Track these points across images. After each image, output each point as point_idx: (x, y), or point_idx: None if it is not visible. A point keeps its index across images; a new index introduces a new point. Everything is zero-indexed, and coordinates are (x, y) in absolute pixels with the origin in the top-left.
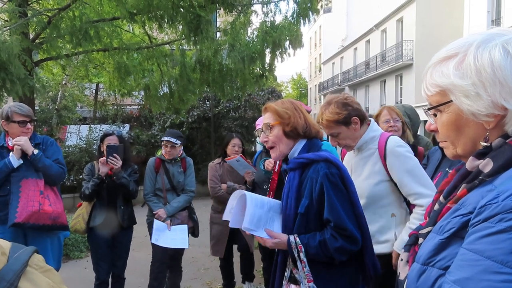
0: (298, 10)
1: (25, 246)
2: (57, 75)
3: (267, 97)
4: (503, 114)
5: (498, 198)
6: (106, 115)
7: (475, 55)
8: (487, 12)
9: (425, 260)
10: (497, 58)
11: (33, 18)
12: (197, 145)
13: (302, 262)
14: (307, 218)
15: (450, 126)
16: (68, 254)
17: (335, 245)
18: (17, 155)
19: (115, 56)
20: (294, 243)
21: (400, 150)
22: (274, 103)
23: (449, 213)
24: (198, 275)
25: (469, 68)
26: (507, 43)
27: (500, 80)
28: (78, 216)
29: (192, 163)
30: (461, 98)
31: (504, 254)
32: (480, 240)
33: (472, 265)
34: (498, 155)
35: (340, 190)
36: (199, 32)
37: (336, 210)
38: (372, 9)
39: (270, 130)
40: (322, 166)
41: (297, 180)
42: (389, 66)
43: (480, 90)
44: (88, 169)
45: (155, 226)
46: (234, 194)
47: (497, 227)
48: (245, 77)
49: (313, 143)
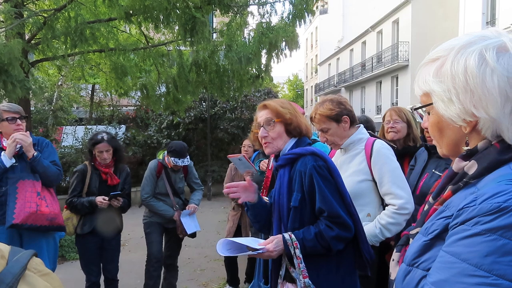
0: (294, 12)
1: (24, 250)
2: (53, 76)
3: (264, 98)
4: (475, 121)
5: (476, 201)
6: (102, 116)
7: (453, 61)
8: (482, 13)
9: (410, 261)
10: (471, 65)
11: (28, 19)
12: (194, 146)
13: (298, 258)
14: (300, 212)
15: (433, 127)
16: (63, 255)
17: (331, 234)
18: (10, 155)
19: (111, 56)
20: (290, 240)
21: (385, 152)
22: (276, 102)
23: (434, 215)
24: (194, 276)
25: (446, 74)
26: (486, 49)
27: (471, 88)
28: (67, 219)
29: (192, 165)
30: (438, 102)
31: (479, 257)
32: (457, 242)
33: (449, 268)
34: (483, 157)
35: (329, 180)
36: (195, 33)
37: (328, 199)
38: (368, 10)
39: (271, 126)
40: (309, 159)
41: (287, 176)
42: (385, 67)
43: (453, 96)
44: (80, 172)
45: (184, 221)
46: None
47: (473, 230)
48: (241, 78)
49: (301, 141)
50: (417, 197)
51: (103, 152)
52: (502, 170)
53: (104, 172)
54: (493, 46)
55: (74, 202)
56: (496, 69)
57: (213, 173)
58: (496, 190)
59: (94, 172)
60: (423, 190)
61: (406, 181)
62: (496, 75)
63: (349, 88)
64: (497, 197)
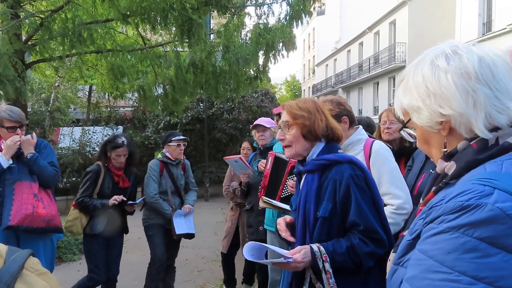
0: (291, 13)
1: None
2: (50, 77)
3: (261, 99)
4: (447, 120)
5: (443, 200)
6: (99, 117)
7: (413, 75)
8: (479, 15)
9: (396, 260)
10: (426, 73)
11: (25, 20)
12: (191, 147)
13: (327, 273)
14: (329, 223)
15: (421, 141)
16: (61, 256)
17: (366, 250)
18: (7, 156)
19: (108, 58)
20: (319, 253)
21: (384, 153)
22: (295, 102)
23: (419, 215)
24: (192, 277)
25: (410, 87)
26: (436, 56)
27: (432, 91)
28: (76, 219)
29: (189, 164)
30: (413, 114)
31: (443, 254)
32: (426, 240)
33: (418, 264)
34: (461, 157)
35: (365, 192)
36: (192, 35)
37: (364, 212)
38: (365, 11)
39: (288, 128)
40: (346, 168)
41: (317, 183)
42: (382, 68)
43: (420, 103)
44: (94, 173)
45: (176, 220)
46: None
47: (439, 228)
48: (238, 78)
49: (331, 147)
50: (415, 197)
51: (121, 156)
52: (477, 170)
53: (116, 174)
54: (441, 53)
55: (86, 203)
56: (448, 70)
57: (210, 174)
58: (462, 189)
59: (107, 173)
60: (420, 190)
61: (404, 181)
62: (450, 74)
63: (347, 88)
64: (461, 196)
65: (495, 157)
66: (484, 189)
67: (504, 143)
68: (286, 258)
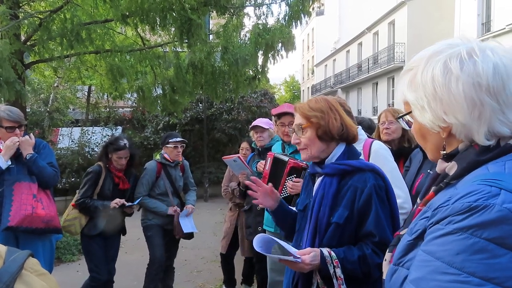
0: (290, 13)
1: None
2: (49, 77)
3: (260, 99)
4: (449, 126)
5: (450, 200)
6: (98, 117)
7: (423, 71)
8: (477, 15)
9: (396, 261)
10: (437, 74)
11: (24, 20)
12: (190, 147)
13: (339, 279)
14: (342, 230)
15: (417, 134)
16: (60, 257)
17: (377, 261)
18: (6, 157)
19: (107, 58)
20: (330, 258)
21: (383, 153)
22: (307, 103)
23: (418, 215)
24: (191, 277)
25: (417, 84)
26: (451, 57)
27: (439, 96)
28: (75, 219)
29: (188, 164)
30: (415, 110)
31: (451, 255)
32: (432, 241)
33: (425, 266)
34: (462, 158)
35: (385, 204)
36: (191, 35)
37: (382, 225)
38: (364, 12)
39: (302, 131)
40: (369, 177)
41: (335, 187)
42: (381, 68)
43: (425, 104)
44: (95, 174)
45: (182, 221)
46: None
47: (446, 229)
48: (237, 79)
49: (352, 151)
50: (413, 197)
51: (123, 158)
52: (479, 170)
53: (117, 176)
54: (457, 55)
55: (87, 203)
56: (460, 77)
57: (209, 174)
58: (469, 190)
59: (108, 174)
60: (418, 190)
61: (403, 181)
62: (461, 83)
63: (346, 89)
64: (469, 197)
65: (497, 158)
66: (491, 190)
67: (506, 145)
68: (295, 258)
